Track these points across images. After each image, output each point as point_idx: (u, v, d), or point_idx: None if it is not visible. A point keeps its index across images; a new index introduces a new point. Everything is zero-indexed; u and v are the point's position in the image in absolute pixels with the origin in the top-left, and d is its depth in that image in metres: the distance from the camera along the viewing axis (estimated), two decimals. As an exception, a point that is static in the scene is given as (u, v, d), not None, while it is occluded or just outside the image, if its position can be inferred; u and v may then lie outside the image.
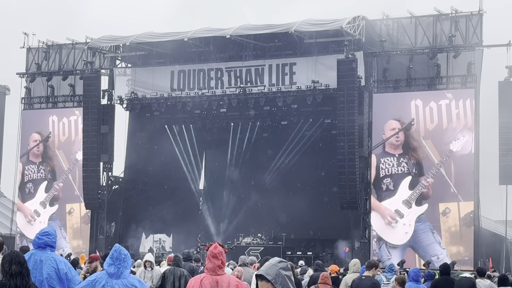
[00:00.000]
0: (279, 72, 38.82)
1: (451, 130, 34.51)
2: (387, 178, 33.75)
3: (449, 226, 32.38)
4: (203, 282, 8.09)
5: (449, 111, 34.61)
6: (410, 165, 33.66)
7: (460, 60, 35.79)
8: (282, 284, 5.27)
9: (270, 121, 42.56)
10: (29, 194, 42.73)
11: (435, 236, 32.16)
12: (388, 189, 33.99)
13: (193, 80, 40.50)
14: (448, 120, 34.73)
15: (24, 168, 43.13)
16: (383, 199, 34.21)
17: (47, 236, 9.62)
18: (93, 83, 41.15)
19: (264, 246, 38.43)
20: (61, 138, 42.80)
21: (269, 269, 5.31)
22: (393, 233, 32.41)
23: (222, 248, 8.33)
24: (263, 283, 5.31)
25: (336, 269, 19.16)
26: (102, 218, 41.73)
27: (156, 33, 40.28)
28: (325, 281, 13.91)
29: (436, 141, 34.47)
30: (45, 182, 42.66)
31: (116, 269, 8.39)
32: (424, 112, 35.27)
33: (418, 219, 32.08)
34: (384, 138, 33.74)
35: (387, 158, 34.13)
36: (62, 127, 42.77)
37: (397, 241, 32.33)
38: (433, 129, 34.74)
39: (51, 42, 43.92)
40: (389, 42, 37.05)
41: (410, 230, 31.98)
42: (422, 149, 33.98)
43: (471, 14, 35.73)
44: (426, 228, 32.05)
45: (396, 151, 33.77)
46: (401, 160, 33.70)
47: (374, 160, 35.02)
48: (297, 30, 36.49)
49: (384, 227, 33.07)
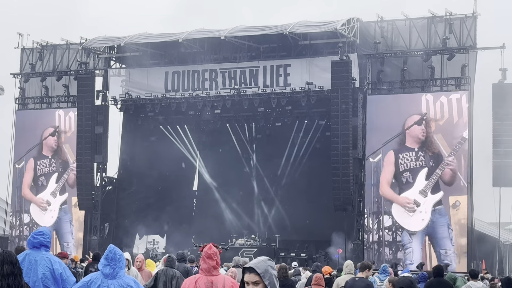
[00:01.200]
0: (273, 73, 38.84)
1: (459, 124, 34.82)
2: (407, 172, 34.66)
3: (459, 218, 33.41)
4: (198, 282, 8.11)
5: (450, 104, 35.03)
6: (427, 158, 34.44)
7: (454, 62, 35.88)
8: (270, 280, 5.28)
9: (264, 123, 42.56)
10: (41, 186, 42.91)
11: (449, 232, 33.26)
12: (408, 182, 34.69)
13: (188, 81, 40.52)
14: (456, 115, 34.88)
15: (36, 164, 43.13)
16: (403, 192, 34.83)
17: (42, 235, 9.63)
18: (87, 83, 41.12)
19: (257, 248, 38.43)
20: (67, 133, 42.76)
21: (258, 263, 5.32)
22: (411, 221, 33.67)
23: (217, 249, 8.36)
24: (251, 276, 5.31)
25: (329, 270, 19.22)
26: (95, 218, 41.69)
27: (150, 34, 40.29)
28: (318, 283, 13.96)
29: (446, 135, 34.83)
30: (56, 173, 42.68)
31: (111, 270, 8.41)
32: (435, 109, 35.34)
33: (437, 210, 33.28)
34: (405, 131, 34.59)
35: (406, 153, 34.80)
36: (69, 122, 42.64)
37: (415, 228, 33.55)
38: (443, 123, 35.03)
39: (46, 42, 43.88)
40: (383, 44, 37.12)
41: (426, 217, 33.25)
42: (435, 142, 34.74)
43: (465, 16, 35.82)
44: (444, 222, 33.25)
45: (417, 145, 34.56)
46: (419, 154, 34.55)
47: (392, 155, 35.31)
48: (291, 31, 36.53)
49: (403, 215, 34.18)
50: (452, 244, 33.28)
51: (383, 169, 35.61)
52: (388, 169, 35.42)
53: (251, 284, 5.35)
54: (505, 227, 56.64)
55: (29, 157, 43.34)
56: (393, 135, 35.90)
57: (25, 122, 43.62)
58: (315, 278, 14.18)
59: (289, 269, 20.95)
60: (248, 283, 5.36)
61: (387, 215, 34.95)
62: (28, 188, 43.12)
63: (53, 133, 42.89)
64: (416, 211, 33.64)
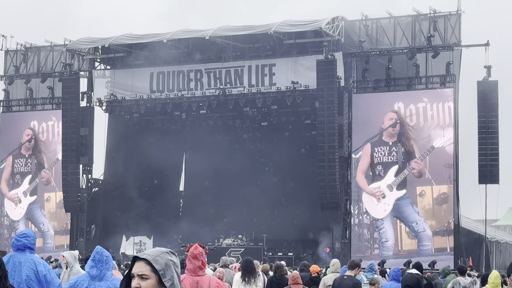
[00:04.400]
0: (258, 73, 38.83)
1: (432, 127, 36.01)
2: (379, 166, 36.53)
3: (424, 205, 36.03)
4: (184, 283, 8.07)
5: (425, 111, 36.17)
6: (400, 154, 36.20)
7: (439, 60, 36.01)
8: (172, 281, 4.29)
9: (250, 122, 42.54)
10: (16, 184, 43.62)
11: (414, 208, 35.93)
12: (380, 175, 36.45)
13: (173, 81, 40.45)
14: (426, 119, 36.07)
15: (13, 162, 43.60)
16: (373, 182, 36.66)
17: (25, 238, 9.56)
18: (72, 85, 40.99)
19: (245, 247, 38.41)
20: (42, 138, 43.22)
21: (157, 256, 4.29)
22: (376, 209, 36.37)
23: (203, 249, 8.32)
24: (140, 264, 4.26)
25: (317, 269, 19.17)
26: (82, 220, 41.57)
27: (135, 35, 40.21)
28: (296, 281, 13.88)
29: (418, 138, 36.23)
30: (30, 175, 43.24)
31: (98, 271, 8.35)
32: (404, 111, 36.44)
33: (398, 199, 36.09)
34: (383, 128, 36.38)
35: (380, 147, 36.44)
36: (42, 130, 43.07)
37: (378, 216, 36.28)
38: (414, 125, 36.30)
39: (30, 44, 43.71)
40: (368, 42, 37.17)
41: (388, 208, 36.18)
42: (410, 140, 36.32)
43: (449, 14, 35.92)
44: (407, 203, 35.94)
45: (391, 139, 36.31)
46: (392, 149, 36.29)
47: (369, 147, 36.64)
48: (276, 31, 36.55)
49: (370, 203, 36.59)
50: (420, 216, 35.68)
51: (361, 160, 36.99)
52: (364, 160, 37.00)
53: (136, 277, 4.28)
54: (491, 224, 56.93)
55: (9, 154, 43.81)
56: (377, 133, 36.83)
57: (9, 124, 43.62)
58: (292, 277, 14.10)
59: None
60: (134, 276, 4.29)
61: (360, 202, 37.05)
62: (5, 183, 43.84)
63: (29, 139, 43.16)
64: (381, 202, 36.22)
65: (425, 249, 35.44)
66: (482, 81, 35.90)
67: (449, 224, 35.75)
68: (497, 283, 10.15)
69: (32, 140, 43.39)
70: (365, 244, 36.73)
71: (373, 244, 36.53)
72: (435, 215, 36.01)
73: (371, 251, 36.50)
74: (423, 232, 35.70)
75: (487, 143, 35.29)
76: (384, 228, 36.01)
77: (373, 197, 36.55)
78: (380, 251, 35.88)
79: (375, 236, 36.58)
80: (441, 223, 35.90)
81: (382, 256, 34.56)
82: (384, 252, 35.67)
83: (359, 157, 37.04)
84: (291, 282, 13.94)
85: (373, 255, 35.89)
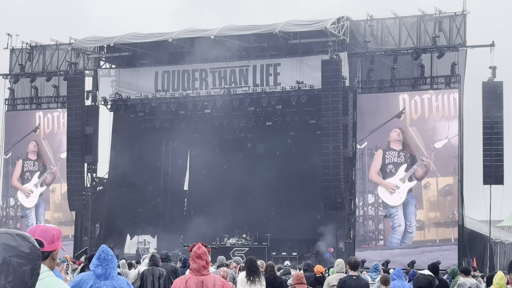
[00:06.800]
0: (263, 72, 38.83)
1: (437, 119, 36.40)
2: (391, 165, 37.51)
3: (429, 196, 36.67)
4: (189, 282, 8.08)
5: (430, 102, 36.68)
6: (407, 157, 37.15)
7: (444, 60, 35.98)
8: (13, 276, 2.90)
9: (255, 122, 42.49)
10: (27, 179, 44.15)
11: (415, 210, 37.04)
12: (391, 172, 37.35)
13: (178, 81, 40.47)
14: (431, 111, 36.55)
15: (23, 163, 44.11)
16: (387, 178, 37.47)
17: None
18: (77, 84, 41.04)
19: (249, 247, 38.43)
20: (46, 131, 43.49)
21: None
22: (391, 198, 37.40)
23: (206, 248, 8.32)
24: None
25: (321, 269, 19.13)
26: (86, 219, 41.62)
27: (140, 34, 40.21)
28: (300, 281, 13.85)
29: (422, 135, 36.72)
30: (38, 172, 43.72)
31: (103, 270, 8.34)
32: (410, 106, 36.88)
33: (409, 191, 37.27)
34: (389, 140, 37.68)
35: (390, 152, 37.43)
36: (47, 121, 43.54)
37: (394, 203, 37.34)
38: (417, 118, 36.81)
39: (35, 43, 43.76)
40: (373, 42, 37.16)
41: (403, 197, 37.27)
42: (413, 142, 36.90)
43: (454, 14, 35.88)
44: (413, 203, 36.99)
45: (398, 147, 37.35)
46: (400, 154, 37.27)
47: (381, 153, 37.46)
48: (281, 30, 36.54)
49: (386, 194, 37.50)
50: (415, 219, 36.86)
51: (373, 162, 37.50)
52: (376, 162, 37.63)
53: None
54: (496, 225, 56.85)
55: (18, 158, 44.12)
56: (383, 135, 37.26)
57: (14, 122, 43.70)
58: (296, 277, 14.07)
59: (282, 268, 20.92)
60: None
61: (370, 194, 37.66)
62: (16, 180, 44.40)
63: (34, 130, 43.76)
64: (395, 192, 37.38)
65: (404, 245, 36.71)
66: (487, 82, 35.88)
67: (454, 216, 36.05)
68: (502, 284, 10.14)
69: (36, 146, 43.99)
70: (370, 236, 37.10)
71: (378, 236, 37.24)
72: (439, 207, 36.54)
73: (376, 242, 36.73)
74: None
75: (491, 144, 35.28)
76: (397, 215, 37.12)
77: (388, 189, 37.46)
78: (391, 235, 36.71)
79: (380, 228, 37.14)
80: (445, 215, 36.36)
81: (388, 245, 36.14)
82: (395, 236, 36.65)
83: (363, 148, 37.45)
84: (295, 281, 13.92)
85: (378, 245, 36.58)
